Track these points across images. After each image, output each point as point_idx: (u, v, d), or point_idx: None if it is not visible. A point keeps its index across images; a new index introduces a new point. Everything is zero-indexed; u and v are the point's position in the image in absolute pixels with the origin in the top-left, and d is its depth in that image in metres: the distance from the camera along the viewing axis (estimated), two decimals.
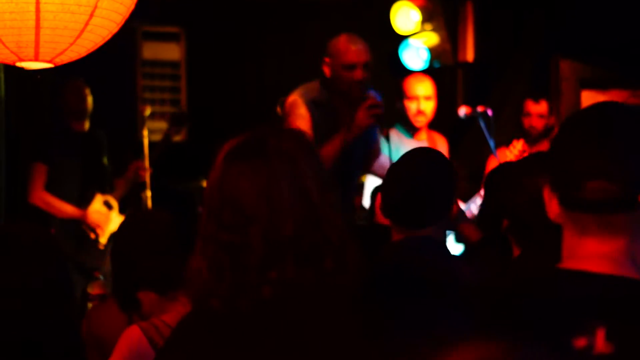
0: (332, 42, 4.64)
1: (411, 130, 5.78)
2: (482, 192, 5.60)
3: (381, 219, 3.04)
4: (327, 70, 4.61)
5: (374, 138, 4.96)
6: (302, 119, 4.55)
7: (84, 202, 5.80)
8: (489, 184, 3.24)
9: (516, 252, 2.71)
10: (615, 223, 1.64)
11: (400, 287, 2.46)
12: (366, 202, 4.79)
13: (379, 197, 2.91)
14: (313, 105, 4.59)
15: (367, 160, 4.94)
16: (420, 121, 5.75)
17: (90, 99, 5.90)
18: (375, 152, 5.01)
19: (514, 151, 5.81)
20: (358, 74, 4.51)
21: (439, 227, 2.79)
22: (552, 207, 1.70)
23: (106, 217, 5.78)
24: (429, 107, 5.75)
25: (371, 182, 5.36)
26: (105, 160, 6.03)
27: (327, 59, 4.61)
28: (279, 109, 4.81)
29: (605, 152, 1.62)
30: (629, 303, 1.62)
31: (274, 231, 1.77)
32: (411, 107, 5.74)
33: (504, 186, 2.82)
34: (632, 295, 1.63)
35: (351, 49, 4.54)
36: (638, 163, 1.63)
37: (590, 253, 1.65)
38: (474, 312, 1.69)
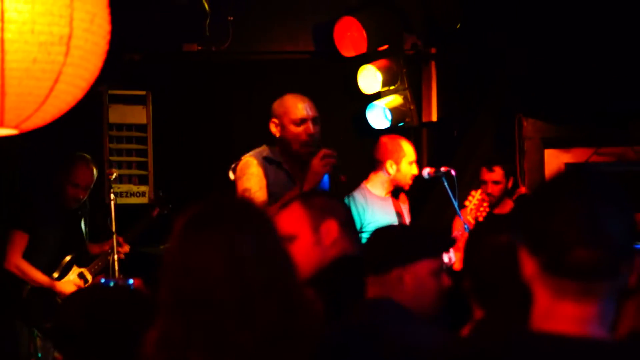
0: (277, 102, 4.67)
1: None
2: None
3: None
4: (277, 131, 4.63)
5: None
6: (254, 177, 4.56)
7: (59, 271, 5.80)
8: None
9: (477, 314, 2.66)
10: (595, 289, 1.65)
11: (354, 350, 2.46)
12: None
13: None
14: (266, 162, 4.60)
15: None
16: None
17: (89, 189, 5.91)
18: None
19: (473, 200, 5.83)
20: (309, 127, 4.55)
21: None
22: (528, 268, 1.69)
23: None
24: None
25: None
26: (84, 231, 6.02)
27: (275, 120, 4.63)
28: (230, 174, 4.77)
29: (589, 221, 1.63)
30: None
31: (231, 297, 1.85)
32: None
33: (467, 246, 2.81)
34: (605, 357, 1.63)
35: (299, 104, 4.59)
36: (621, 230, 1.64)
37: (566, 316, 1.65)
38: None
